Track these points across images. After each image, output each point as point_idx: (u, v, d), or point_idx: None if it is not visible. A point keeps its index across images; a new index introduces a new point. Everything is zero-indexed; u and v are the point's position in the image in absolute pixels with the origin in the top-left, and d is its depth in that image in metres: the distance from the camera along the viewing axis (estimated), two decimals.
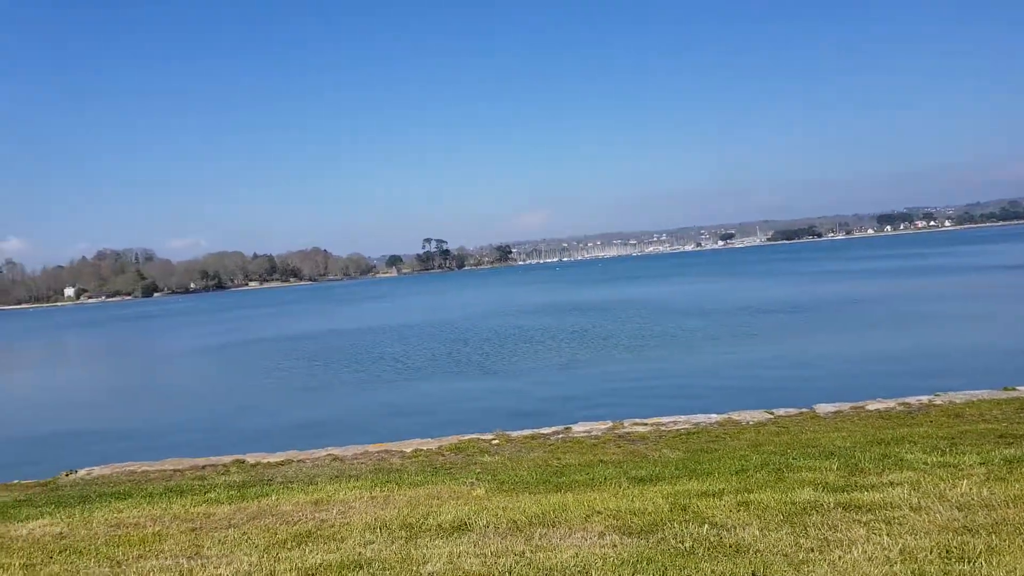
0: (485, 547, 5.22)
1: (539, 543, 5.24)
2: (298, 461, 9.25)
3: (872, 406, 10.26)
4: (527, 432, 9.95)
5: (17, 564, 5.56)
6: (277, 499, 7.01)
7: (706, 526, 5.30)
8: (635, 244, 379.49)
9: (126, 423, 20.16)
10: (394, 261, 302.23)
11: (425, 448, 9.52)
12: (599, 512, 5.84)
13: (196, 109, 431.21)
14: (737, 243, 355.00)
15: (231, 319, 77.30)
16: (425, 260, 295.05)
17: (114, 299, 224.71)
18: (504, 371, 24.18)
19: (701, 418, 10.06)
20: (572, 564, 4.72)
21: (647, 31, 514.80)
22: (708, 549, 4.86)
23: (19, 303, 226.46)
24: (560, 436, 9.64)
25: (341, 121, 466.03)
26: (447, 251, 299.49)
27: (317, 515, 6.40)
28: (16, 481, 9.64)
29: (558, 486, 7.06)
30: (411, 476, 7.87)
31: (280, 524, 6.16)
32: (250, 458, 9.48)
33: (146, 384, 29.78)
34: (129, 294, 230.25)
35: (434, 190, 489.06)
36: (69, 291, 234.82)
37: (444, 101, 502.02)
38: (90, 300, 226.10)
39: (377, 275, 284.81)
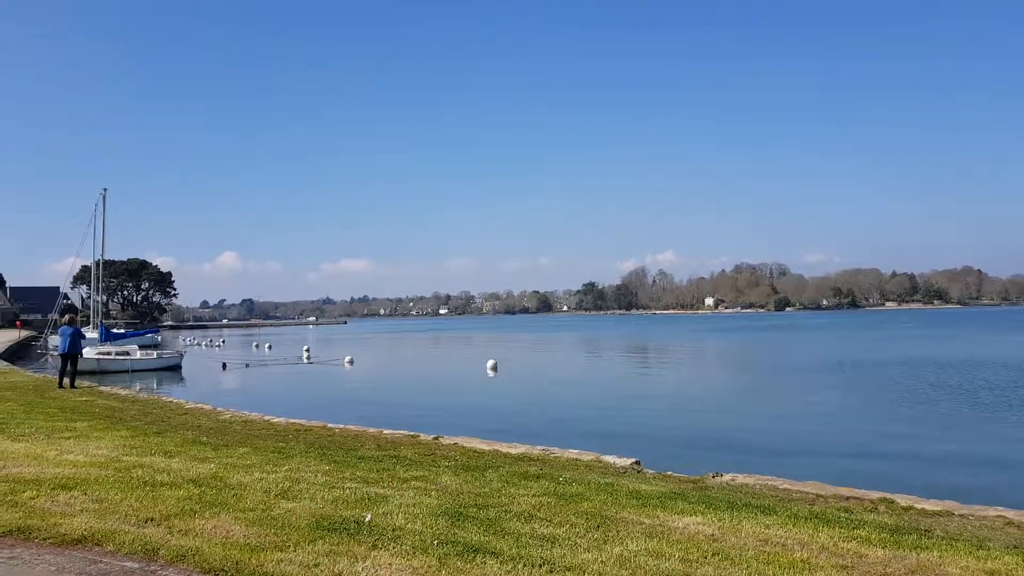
0: None
1: None
2: (960, 515, 8.17)
3: None
4: None
5: (676, 556, 6.19)
6: (940, 556, 6.26)
7: None
8: None
9: (761, 433, 21.19)
10: None
11: None
12: None
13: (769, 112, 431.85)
14: None
15: (867, 337, 75.16)
16: None
17: (748, 311, 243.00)
18: None
19: None
20: None
21: None
22: None
23: (667, 308, 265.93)
24: None
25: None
26: None
27: None
28: (670, 473, 10.93)
29: None
30: None
31: None
32: (900, 499, 8.77)
33: (780, 394, 30.93)
34: (763, 307, 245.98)
35: None
36: (709, 300, 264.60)
37: None
38: (727, 310, 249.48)
39: None
